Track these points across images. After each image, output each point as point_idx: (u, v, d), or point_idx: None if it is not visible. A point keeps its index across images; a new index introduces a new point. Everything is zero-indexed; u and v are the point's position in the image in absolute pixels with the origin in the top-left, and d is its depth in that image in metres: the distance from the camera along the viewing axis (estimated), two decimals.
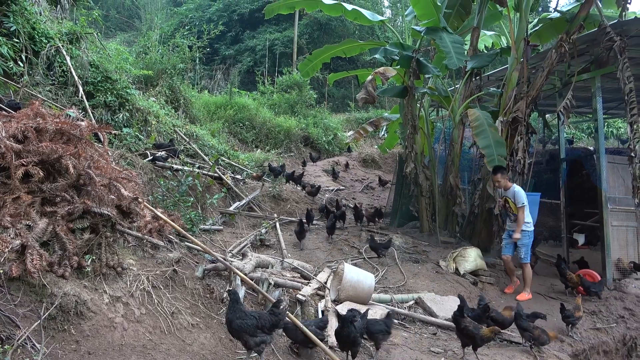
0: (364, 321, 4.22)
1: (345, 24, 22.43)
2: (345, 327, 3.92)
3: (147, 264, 4.36)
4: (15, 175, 3.68)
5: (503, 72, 9.21)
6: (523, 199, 6.59)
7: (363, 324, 4.17)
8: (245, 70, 22.38)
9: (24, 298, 3.25)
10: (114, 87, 7.61)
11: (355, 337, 3.94)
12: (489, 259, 7.76)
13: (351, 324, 3.93)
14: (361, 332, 4.07)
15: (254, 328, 3.57)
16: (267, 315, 3.76)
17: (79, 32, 7.60)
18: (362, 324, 4.15)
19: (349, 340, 3.94)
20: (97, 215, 4.03)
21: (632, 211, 7.92)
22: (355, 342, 3.95)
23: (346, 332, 3.91)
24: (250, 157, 11.79)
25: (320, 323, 4.33)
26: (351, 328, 3.91)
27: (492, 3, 8.43)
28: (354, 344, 3.96)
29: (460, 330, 4.52)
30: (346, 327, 3.91)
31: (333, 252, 7.21)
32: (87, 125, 4.48)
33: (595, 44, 7.58)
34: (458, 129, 8.60)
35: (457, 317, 4.53)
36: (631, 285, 7.29)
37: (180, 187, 6.61)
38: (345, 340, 3.97)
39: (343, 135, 17.34)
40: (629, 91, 6.74)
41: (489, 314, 5.08)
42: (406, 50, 8.33)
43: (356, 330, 3.95)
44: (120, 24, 27.07)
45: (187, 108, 11.50)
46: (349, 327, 3.91)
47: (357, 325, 4.03)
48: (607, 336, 6.03)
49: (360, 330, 4.06)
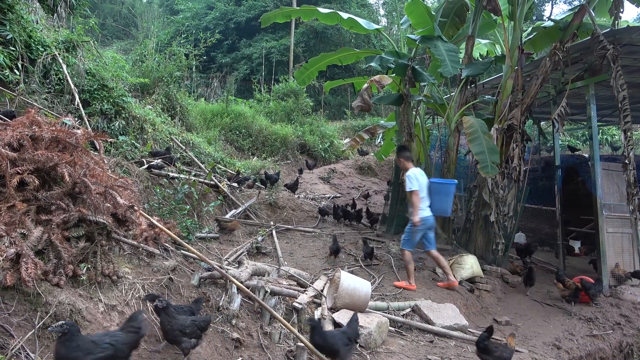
0: (352, 327, 4.23)
1: (342, 33, 22.56)
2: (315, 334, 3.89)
3: (143, 272, 4.34)
4: (10, 183, 3.67)
5: (498, 80, 9.28)
6: (409, 185, 6.27)
7: (352, 329, 4.18)
8: (241, 78, 22.44)
9: (19, 307, 3.23)
10: (110, 95, 7.62)
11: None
12: (486, 266, 7.77)
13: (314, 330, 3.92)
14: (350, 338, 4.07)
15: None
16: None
17: (76, 41, 7.62)
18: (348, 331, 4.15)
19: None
20: (92, 224, 4.01)
21: (627, 218, 7.96)
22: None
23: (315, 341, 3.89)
24: (247, 165, 11.79)
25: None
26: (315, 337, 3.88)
27: (487, 12, 8.51)
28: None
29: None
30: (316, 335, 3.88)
31: (329, 259, 7.20)
32: (83, 133, 4.47)
33: (588, 52, 7.66)
34: (454, 137, 8.64)
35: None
36: (627, 292, 7.32)
37: (177, 195, 6.60)
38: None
39: (339, 143, 17.38)
40: (623, 99, 6.81)
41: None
42: (402, 59, 8.38)
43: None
44: (116, 32, 27.14)
45: (183, 116, 11.52)
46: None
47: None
48: (603, 343, 6.03)
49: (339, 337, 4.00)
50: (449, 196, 6.56)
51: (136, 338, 3.19)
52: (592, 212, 7.91)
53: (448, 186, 6.62)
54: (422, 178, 6.46)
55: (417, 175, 6.36)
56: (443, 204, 6.54)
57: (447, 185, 6.65)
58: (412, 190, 6.26)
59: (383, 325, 4.99)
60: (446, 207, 6.65)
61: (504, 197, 7.94)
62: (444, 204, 6.55)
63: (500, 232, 7.91)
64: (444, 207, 6.60)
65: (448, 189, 6.59)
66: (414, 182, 6.26)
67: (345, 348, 3.92)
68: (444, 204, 6.54)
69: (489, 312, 6.57)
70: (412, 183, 6.27)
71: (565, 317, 6.61)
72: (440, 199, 6.50)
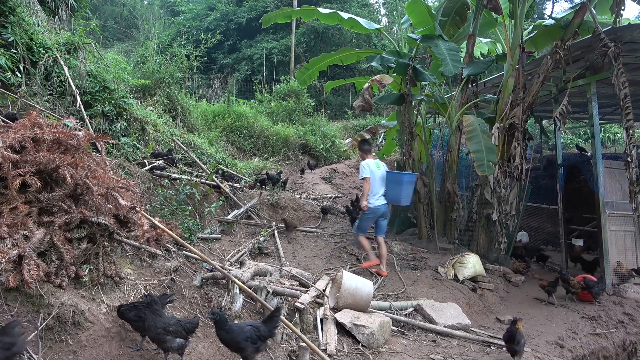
0: (269, 323, 3.80)
1: (342, 32, 22.54)
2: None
3: (145, 273, 4.35)
4: (12, 185, 3.68)
5: (499, 78, 9.27)
6: (361, 174, 6.77)
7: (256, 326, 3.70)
8: (242, 79, 22.45)
9: (21, 308, 3.24)
10: (111, 97, 7.63)
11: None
12: (488, 265, 7.77)
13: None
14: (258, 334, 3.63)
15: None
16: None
17: (77, 43, 7.63)
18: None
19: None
20: (94, 225, 4.02)
21: (629, 216, 7.94)
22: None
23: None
24: (248, 165, 11.79)
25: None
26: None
27: (487, 10, 8.50)
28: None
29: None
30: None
31: (332, 259, 7.20)
32: (85, 135, 4.48)
33: (589, 50, 7.64)
34: (455, 136, 8.63)
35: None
36: (630, 290, 7.29)
37: (178, 196, 6.60)
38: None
39: (341, 143, 17.38)
40: (624, 96, 6.79)
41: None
42: (402, 58, 8.38)
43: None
44: (118, 34, 27.18)
45: (184, 117, 11.53)
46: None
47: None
48: (606, 341, 6.01)
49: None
50: (400, 185, 6.80)
51: (5, 356, 2.59)
52: (594, 211, 7.89)
53: (398, 175, 6.95)
54: (377, 169, 6.85)
55: (370, 165, 6.79)
56: (395, 193, 6.82)
57: (397, 174, 6.96)
58: (363, 177, 6.73)
59: (385, 324, 4.99)
60: (398, 197, 6.86)
61: (506, 196, 7.93)
62: (396, 193, 6.82)
63: (502, 231, 7.90)
64: (396, 196, 6.86)
65: (398, 178, 6.89)
66: (365, 170, 6.72)
67: (253, 347, 3.55)
68: (396, 193, 6.82)
69: (491, 311, 6.56)
70: (363, 172, 6.75)
71: (569, 316, 6.59)
72: (393, 188, 6.82)
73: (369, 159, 6.96)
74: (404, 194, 6.84)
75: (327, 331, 4.71)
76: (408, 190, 6.98)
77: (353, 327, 4.83)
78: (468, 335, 5.37)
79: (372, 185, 6.70)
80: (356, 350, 4.61)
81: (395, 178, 6.90)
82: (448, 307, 5.84)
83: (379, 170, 6.87)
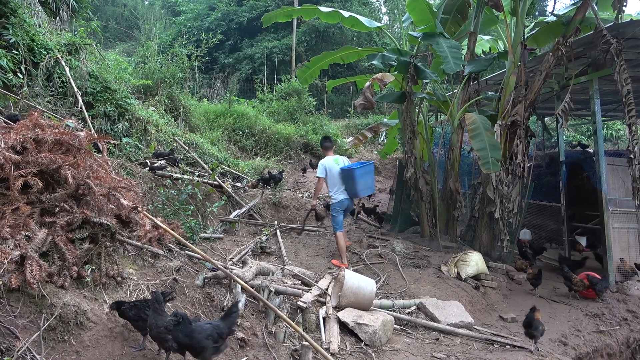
0: (227, 320, 3.52)
1: (343, 31, 22.52)
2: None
3: (147, 273, 4.36)
4: (14, 186, 3.69)
5: (501, 76, 9.24)
6: (317, 172, 7.30)
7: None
8: (244, 79, 22.45)
9: (24, 309, 3.25)
10: (113, 97, 7.64)
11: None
12: (491, 263, 7.75)
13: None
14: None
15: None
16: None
17: (78, 43, 7.63)
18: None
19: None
20: (96, 225, 4.03)
21: (633, 213, 7.91)
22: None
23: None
24: (250, 165, 11.79)
25: None
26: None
27: (489, 8, 8.46)
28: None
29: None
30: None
31: (334, 258, 7.19)
32: (86, 136, 4.49)
33: (592, 46, 7.60)
34: (457, 134, 8.61)
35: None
36: (634, 288, 7.27)
37: (180, 196, 6.61)
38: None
39: (342, 142, 17.35)
40: (627, 93, 6.76)
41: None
42: (404, 56, 8.35)
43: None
44: (119, 35, 27.22)
45: (186, 117, 11.53)
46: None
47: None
48: (610, 339, 6.00)
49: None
50: (352, 180, 7.04)
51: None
52: (597, 208, 7.86)
53: (349, 171, 7.14)
54: (335, 165, 7.18)
55: (326, 164, 7.19)
56: (350, 187, 7.14)
57: (348, 171, 7.15)
58: (317, 177, 7.31)
59: (388, 323, 4.98)
60: (353, 190, 7.14)
61: (509, 194, 7.91)
62: (350, 187, 7.12)
63: (505, 229, 7.88)
64: (351, 190, 7.16)
65: (349, 174, 7.11)
66: (320, 169, 7.21)
67: (214, 346, 3.32)
68: (350, 187, 7.12)
69: (494, 309, 6.55)
70: (318, 171, 7.25)
71: (572, 314, 6.58)
72: (347, 183, 7.14)
73: (328, 157, 7.34)
74: (359, 187, 7.06)
75: (329, 330, 4.71)
76: (365, 181, 7.17)
77: (356, 326, 4.82)
78: (471, 333, 5.36)
79: (331, 182, 7.15)
80: (359, 349, 4.61)
81: (348, 174, 7.12)
82: (451, 305, 5.83)
83: (337, 166, 7.18)
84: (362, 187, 7.10)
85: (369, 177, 7.25)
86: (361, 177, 7.09)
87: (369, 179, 7.22)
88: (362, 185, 7.09)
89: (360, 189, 7.11)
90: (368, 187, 7.21)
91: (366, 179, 7.16)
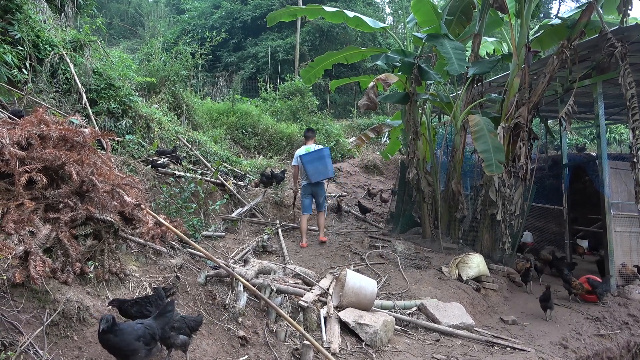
0: (160, 320, 3.21)
1: (347, 31, 22.48)
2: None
3: (150, 270, 4.37)
4: (19, 181, 3.70)
5: (505, 78, 9.23)
6: (293, 161, 8.05)
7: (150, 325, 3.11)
8: (247, 77, 22.43)
9: (27, 304, 3.26)
10: (117, 94, 7.66)
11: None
12: (492, 265, 7.75)
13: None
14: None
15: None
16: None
17: (83, 40, 7.66)
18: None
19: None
20: (99, 222, 4.04)
21: (635, 217, 7.91)
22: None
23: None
24: (253, 164, 11.80)
25: None
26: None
27: (493, 10, 8.46)
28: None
29: None
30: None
31: (335, 258, 7.20)
32: (91, 132, 4.50)
33: (596, 50, 7.60)
34: (460, 135, 8.60)
35: None
36: (635, 292, 7.26)
37: (183, 194, 6.63)
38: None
39: (345, 142, 17.33)
40: (631, 97, 6.76)
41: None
42: (408, 57, 8.36)
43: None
44: (123, 32, 27.25)
45: (189, 115, 11.54)
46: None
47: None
48: (611, 343, 6.00)
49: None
50: (311, 164, 7.62)
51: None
52: (599, 211, 7.85)
53: (300, 158, 7.75)
54: (306, 153, 7.77)
55: (297, 153, 7.89)
56: (305, 173, 7.76)
57: (300, 157, 7.77)
58: (292, 165, 8.09)
59: (389, 324, 4.99)
60: (312, 174, 7.65)
61: (511, 196, 7.91)
62: (310, 172, 7.65)
63: (506, 231, 7.87)
64: (306, 176, 7.76)
65: (301, 160, 7.74)
66: (295, 158, 7.97)
67: (146, 348, 3.01)
68: (310, 172, 7.65)
69: (495, 311, 6.55)
70: (293, 160, 8.04)
71: (573, 317, 6.57)
72: (304, 170, 7.76)
73: (303, 147, 7.99)
74: (310, 173, 7.62)
75: (330, 330, 4.72)
76: (315, 166, 7.64)
77: (357, 326, 4.83)
78: (471, 335, 5.36)
79: (301, 169, 7.83)
80: (359, 349, 4.62)
81: (306, 159, 7.66)
82: (452, 307, 5.83)
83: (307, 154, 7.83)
84: (312, 172, 7.62)
85: (319, 163, 7.65)
86: (309, 163, 7.65)
87: (319, 164, 7.66)
88: (311, 170, 7.63)
89: (311, 174, 7.63)
90: (319, 172, 7.64)
91: (316, 165, 7.65)
